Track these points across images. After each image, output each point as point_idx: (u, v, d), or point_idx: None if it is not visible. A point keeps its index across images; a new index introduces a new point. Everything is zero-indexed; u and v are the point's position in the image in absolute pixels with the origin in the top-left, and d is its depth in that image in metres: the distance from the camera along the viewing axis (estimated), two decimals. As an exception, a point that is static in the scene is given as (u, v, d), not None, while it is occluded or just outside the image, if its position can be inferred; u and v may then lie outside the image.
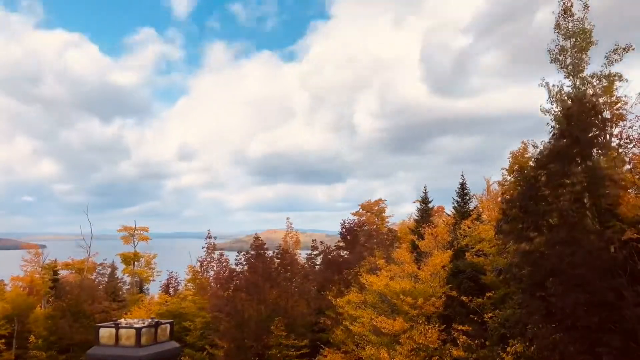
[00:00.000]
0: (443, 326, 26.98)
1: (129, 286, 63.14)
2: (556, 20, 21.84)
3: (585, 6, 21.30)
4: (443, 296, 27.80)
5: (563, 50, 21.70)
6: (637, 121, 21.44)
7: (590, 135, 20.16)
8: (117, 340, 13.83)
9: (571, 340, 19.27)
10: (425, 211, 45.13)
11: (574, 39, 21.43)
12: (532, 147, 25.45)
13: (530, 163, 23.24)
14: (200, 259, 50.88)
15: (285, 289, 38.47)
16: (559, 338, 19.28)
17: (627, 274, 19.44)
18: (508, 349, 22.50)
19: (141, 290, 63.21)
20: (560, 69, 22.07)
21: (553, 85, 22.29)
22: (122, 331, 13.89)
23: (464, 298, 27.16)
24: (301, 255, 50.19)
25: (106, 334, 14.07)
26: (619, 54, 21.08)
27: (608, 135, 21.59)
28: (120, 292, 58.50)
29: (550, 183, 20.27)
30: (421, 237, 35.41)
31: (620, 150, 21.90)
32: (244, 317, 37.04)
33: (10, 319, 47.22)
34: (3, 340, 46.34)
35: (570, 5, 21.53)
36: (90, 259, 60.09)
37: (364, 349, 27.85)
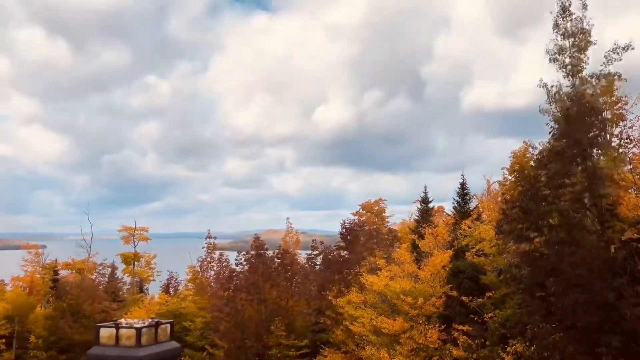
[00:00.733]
0: (443, 326, 26.97)
1: (129, 286, 63.14)
2: (554, 19, 21.77)
3: (583, 5, 21.23)
4: (443, 296, 27.77)
5: (562, 50, 21.63)
6: (637, 121, 21.43)
7: (590, 135, 20.17)
8: (118, 340, 13.86)
9: (571, 340, 19.30)
10: (426, 211, 45.16)
11: (572, 39, 21.35)
12: (532, 148, 25.43)
13: (531, 163, 23.22)
14: (200, 259, 50.89)
15: (285, 289, 38.47)
16: (559, 338, 19.31)
17: (627, 274, 19.45)
18: (508, 349, 22.49)
19: (141, 290, 63.24)
20: (559, 68, 21.98)
21: (552, 85, 22.22)
22: (123, 331, 13.92)
23: (464, 298, 27.14)
24: (301, 255, 50.19)
25: (106, 334, 14.09)
26: (618, 53, 21.01)
27: (608, 135, 21.58)
28: (120, 292, 58.47)
29: (551, 183, 20.28)
30: (421, 237, 35.41)
31: (621, 150, 21.89)
32: (244, 317, 37.05)
33: (11, 319, 47.21)
34: (3, 340, 46.33)
35: (568, 5, 21.46)
36: (91, 259, 60.10)
37: (364, 349, 27.83)
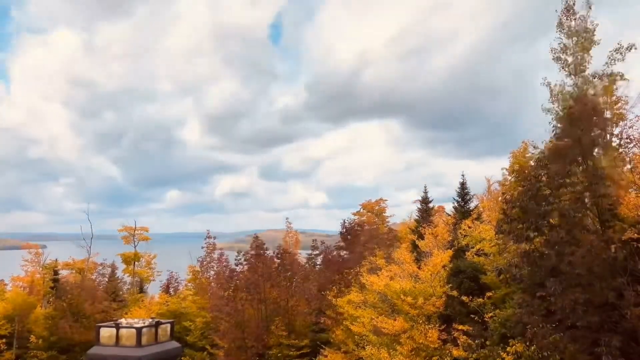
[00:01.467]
0: (443, 326, 26.95)
1: (129, 286, 63.11)
2: (559, 18, 21.77)
3: (587, 4, 21.23)
4: (443, 296, 27.75)
5: (565, 48, 21.62)
6: (638, 121, 21.40)
7: (591, 135, 20.14)
8: (118, 340, 13.83)
9: (571, 340, 19.28)
10: (426, 211, 45.16)
11: (576, 38, 21.35)
12: (533, 148, 25.41)
13: (531, 163, 23.21)
14: (200, 259, 50.93)
15: (285, 288, 38.48)
16: (559, 338, 19.29)
17: (627, 274, 19.45)
18: (508, 348, 22.47)
19: (141, 290, 63.20)
20: (562, 67, 21.99)
21: (555, 84, 22.22)
22: (123, 331, 13.89)
23: (464, 298, 27.12)
24: (301, 255, 50.21)
25: (107, 334, 14.06)
26: (621, 53, 21.00)
27: (609, 135, 21.54)
28: (120, 292, 58.47)
29: (551, 183, 20.27)
30: (421, 237, 35.42)
31: (621, 150, 21.85)
32: (244, 317, 37.06)
33: (11, 319, 47.18)
34: (3, 340, 46.33)
35: (572, 4, 21.46)
36: (91, 259, 60.08)
37: (364, 348, 27.82)
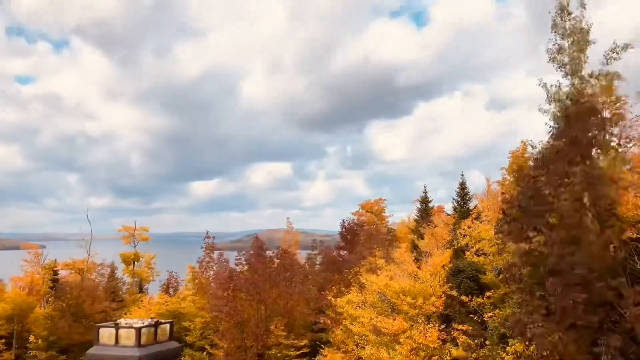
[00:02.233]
0: (443, 326, 26.99)
1: (128, 286, 63.10)
2: (553, 19, 21.77)
3: (582, 4, 21.21)
4: (443, 296, 27.79)
5: (561, 49, 21.63)
6: (637, 121, 21.41)
7: (589, 135, 20.16)
8: (117, 340, 13.85)
9: (571, 339, 19.28)
10: (425, 211, 45.21)
11: (571, 38, 21.35)
12: (531, 148, 25.42)
13: (530, 163, 23.22)
14: (200, 259, 50.91)
15: (285, 288, 38.46)
16: (558, 337, 19.29)
17: (627, 274, 19.48)
18: (508, 348, 22.53)
19: (141, 290, 63.18)
20: (559, 68, 22.00)
21: (551, 85, 22.24)
22: (122, 331, 13.91)
23: (463, 297, 27.17)
24: (301, 255, 50.22)
25: (106, 334, 14.09)
26: (617, 52, 21.01)
27: (607, 135, 21.54)
28: (120, 292, 58.47)
29: (550, 183, 20.26)
30: (421, 237, 35.53)
31: (620, 149, 21.86)
32: (243, 317, 37.03)
33: (10, 319, 47.13)
34: (3, 340, 46.28)
35: (567, 4, 21.45)
36: (90, 259, 60.07)
37: (363, 348, 27.84)
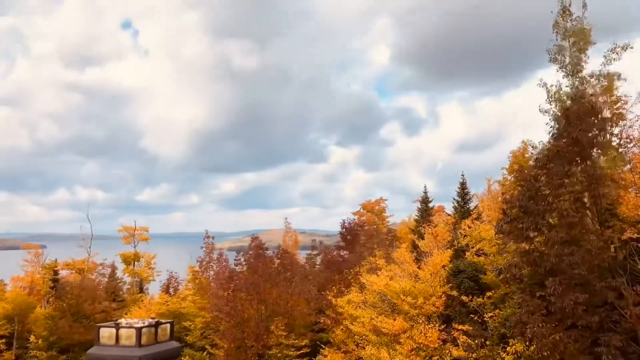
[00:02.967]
0: (443, 326, 26.97)
1: (129, 286, 63.07)
2: (555, 19, 21.82)
3: (583, 5, 21.27)
4: (443, 296, 27.77)
5: (562, 49, 21.67)
6: (637, 120, 21.43)
7: (589, 135, 20.16)
8: (118, 340, 13.86)
9: (571, 339, 19.29)
10: (425, 211, 45.19)
11: (572, 39, 21.38)
12: (532, 148, 25.43)
13: (530, 163, 23.23)
14: (200, 259, 50.87)
15: (285, 288, 38.45)
16: (559, 337, 19.29)
17: (627, 274, 19.49)
18: (508, 348, 22.50)
19: (141, 290, 63.16)
20: (559, 68, 22.03)
21: (552, 85, 22.27)
22: (123, 331, 13.92)
23: (464, 298, 27.14)
24: (301, 255, 50.21)
25: (107, 334, 14.09)
26: (617, 52, 21.04)
27: (608, 135, 21.55)
28: (120, 292, 58.44)
29: (550, 183, 20.27)
30: (421, 237, 35.45)
31: (620, 149, 21.87)
32: (244, 317, 37.02)
33: (11, 319, 47.16)
34: (3, 340, 46.29)
35: (568, 5, 21.50)
36: (91, 259, 60.06)
37: (364, 348, 27.83)
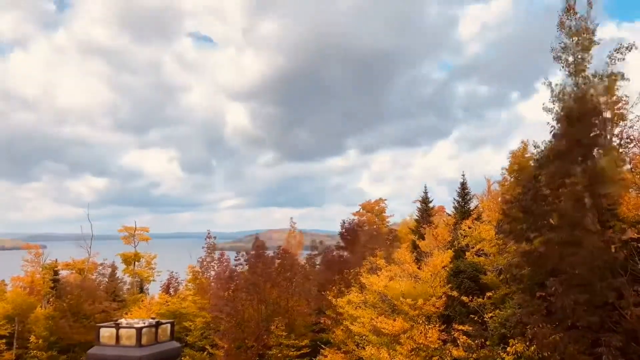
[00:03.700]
0: (443, 326, 26.97)
1: (129, 286, 63.11)
2: (560, 18, 21.79)
3: (589, 4, 21.24)
4: (443, 296, 27.76)
5: (566, 48, 21.63)
6: (638, 121, 21.42)
7: (591, 135, 20.14)
8: (118, 340, 13.83)
9: (571, 340, 19.28)
10: (426, 211, 45.16)
11: (576, 38, 21.35)
12: (533, 147, 25.38)
13: (531, 163, 23.20)
14: (200, 259, 50.93)
15: (285, 289, 38.46)
16: (559, 338, 19.29)
17: (628, 274, 19.46)
18: (508, 349, 22.49)
19: (141, 290, 63.19)
20: (563, 67, 21.99)
21: (556, 84, 22.21)
22: (123, 331, 13.87)
23: (464, 298, 27.12)
24: (302, 255, 50.20)
25: (107, 334, 14.04)
26: (621, 52, 21.02)
27: (609, 135, 21.54)
28: (120, 292, 58.46)
29: (551, 183, 20.25)
30: (421, 237, 35.50)
31: (621, 150, 21.87)
32: (244, 317, 37.05)
33: (11, 319, 47.13)
34: (3, 340, 46.29)
35: (573, 4, 21.46)
36: (91, 259, 60.09)
37: (364, 349, 27.84)
